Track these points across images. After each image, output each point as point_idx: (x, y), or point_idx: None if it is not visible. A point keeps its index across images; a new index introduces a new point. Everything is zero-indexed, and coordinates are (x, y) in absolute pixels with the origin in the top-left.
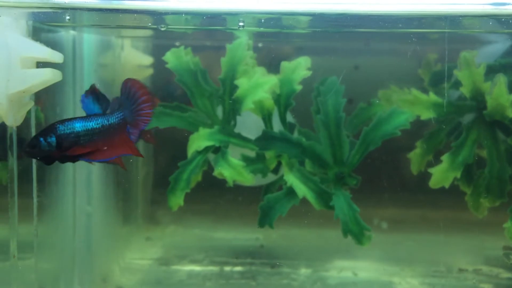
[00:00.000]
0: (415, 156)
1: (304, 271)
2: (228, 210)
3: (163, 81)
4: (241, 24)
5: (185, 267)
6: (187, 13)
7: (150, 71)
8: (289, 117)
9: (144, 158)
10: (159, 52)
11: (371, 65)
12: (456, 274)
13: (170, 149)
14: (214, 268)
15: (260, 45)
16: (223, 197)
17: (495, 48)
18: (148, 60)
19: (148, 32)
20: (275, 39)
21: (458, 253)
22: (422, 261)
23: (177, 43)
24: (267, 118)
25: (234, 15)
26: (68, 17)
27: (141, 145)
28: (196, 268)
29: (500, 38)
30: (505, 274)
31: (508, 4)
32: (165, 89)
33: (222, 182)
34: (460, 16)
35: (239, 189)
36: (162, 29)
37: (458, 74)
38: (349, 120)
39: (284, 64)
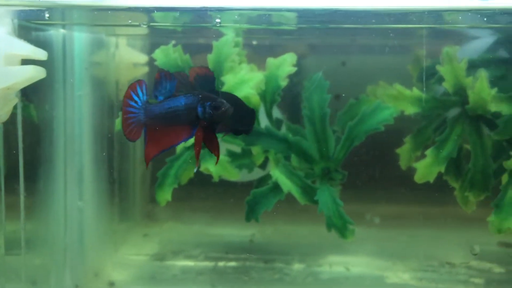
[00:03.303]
0: (404, 152)
1: (297, 266)
2: (225, 207)
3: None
4: (217, 20)
5: (179, 262)
6: (166, 9)
7: (146, 69)
8: (277, 113)
9: (141, 156)
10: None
11: (359, 62)
12: (448, 269)
13: None
14: (208, 264)
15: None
16: (220, 194)
17: (479, 43)
18: (143, 58)
19: (144, 31)
20: (265, 35)
21: (450, 248)
22: (414, 256)
23: (173, 42)
24: None
25: (217, 11)
26: (47, 15)
27: (138, 143)
28: (190, 263)
29: (484, 33)
30: (497, 269)
31: None
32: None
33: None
34: (443, 11)
35: (236, 186)
36: (144, 26)
37: (441, 69)
38: (339, 116)
39: (270, 61)
